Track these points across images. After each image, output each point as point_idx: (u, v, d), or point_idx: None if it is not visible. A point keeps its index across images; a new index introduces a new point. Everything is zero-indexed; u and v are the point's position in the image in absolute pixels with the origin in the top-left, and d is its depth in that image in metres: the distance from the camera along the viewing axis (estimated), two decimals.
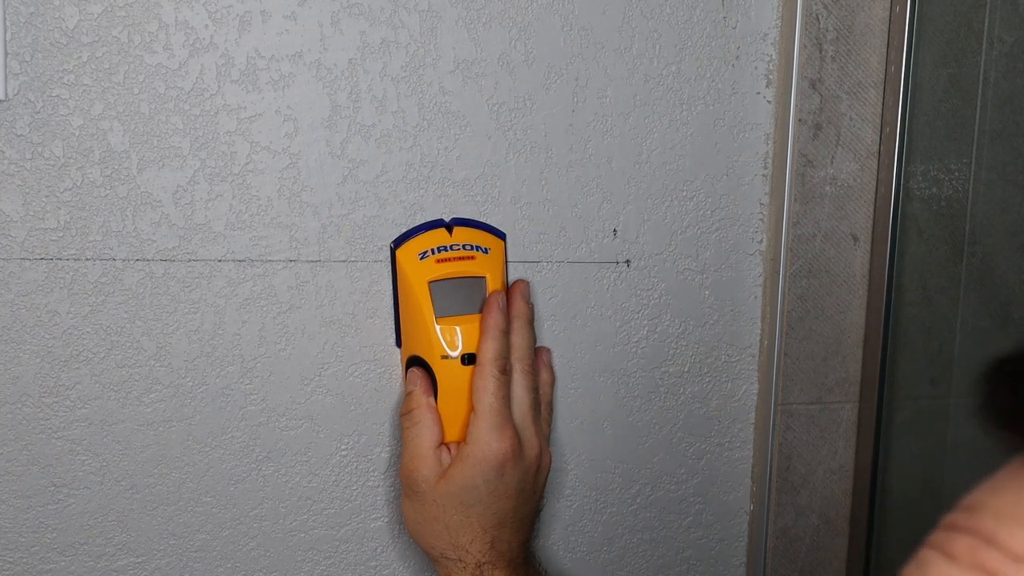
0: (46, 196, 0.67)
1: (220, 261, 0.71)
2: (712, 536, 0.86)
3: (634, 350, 0.81)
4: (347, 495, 0.76)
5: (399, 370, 0.75)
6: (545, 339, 0.78)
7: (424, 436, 0.69)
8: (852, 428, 0.85)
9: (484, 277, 0.72)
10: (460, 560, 0.68)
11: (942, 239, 0.84)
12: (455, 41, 0.72)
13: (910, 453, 0.87)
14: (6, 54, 0.65)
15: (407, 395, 0.70)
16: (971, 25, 0.81)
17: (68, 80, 0.66)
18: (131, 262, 0.69)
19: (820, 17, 0.78)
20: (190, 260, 0.70)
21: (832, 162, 0.80)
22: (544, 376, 0.74)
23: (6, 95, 0.65)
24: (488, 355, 0.68)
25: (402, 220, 0.73)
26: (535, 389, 0.71)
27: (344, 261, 0.73)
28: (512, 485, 0.68)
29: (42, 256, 0.68)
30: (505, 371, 0.69)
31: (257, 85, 0.69)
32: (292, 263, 0.72)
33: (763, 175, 0.81)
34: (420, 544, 0.70)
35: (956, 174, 0.83)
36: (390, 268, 0.73)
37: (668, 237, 0.80)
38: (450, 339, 0.69)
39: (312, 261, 0.72)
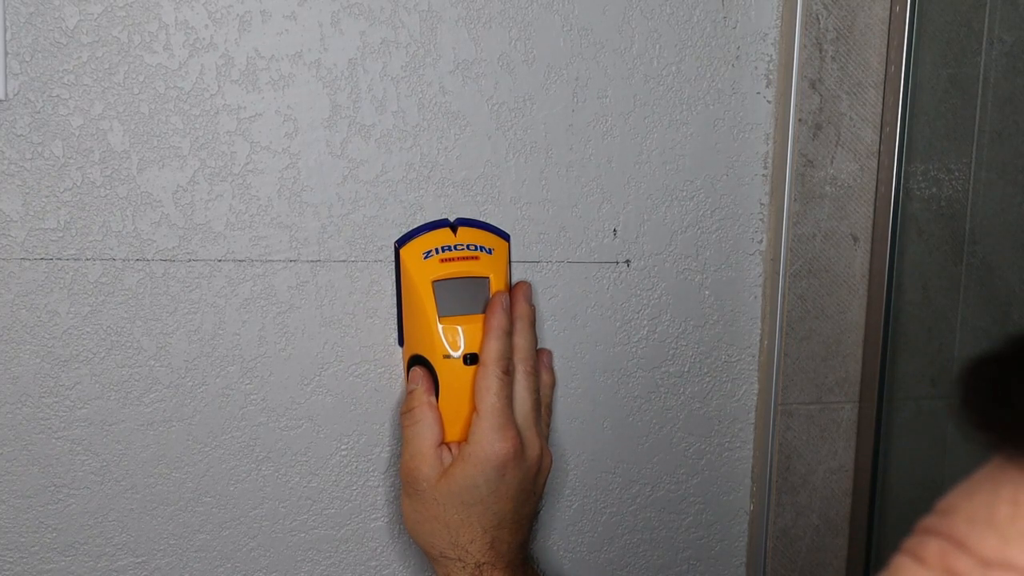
0: (46, 196, 0.67)
1: (220, 261, 0.71)
2: (712, 536, 0.86)
3: (634, 350, 0.81)
4: (347, 495, 0.76)
5: (399, 370, 0.75)
6: (545, 339, 0.78)
7: (425, 435, 0.69)
8: (852, 428, 0.85)
9: (488, 277, 0.72)
10: (460, 560, 0.68)
11: (942, 239, 0.84)
12: (455, 41, 0.72)
13: (910, 453, 0.87)
14: (6, 54, 0.65)
15: (408, 394, 0.70)
16: (971, 25, 0.81)
17: (68, 80, 0.66)
18: (131, 262, 0.69)
19: (820, 17, 0.78)
20: (190, 260, 0.70)
21: (832, 162, 0.80)
22: (545, 378, 0.74)
23: (6, 95, 0.65)
24: (491, 355, 0.68)
25: (402, 220, 0.73)
26: (537, 390, 0.71)
27: (344, 261, 0.73)
28: (513, 485, 0.68)
29: (42, 256, 0.68)
30: (508, 372, 0.69)
31: (257, 85, 0.69)
32: (292, 263, 0.72)
33: (763, 175, 0.81)
34: (419, 543, 0.70)
35: (956, 174, 0.83)
36: (393, 267, 0.73)
37: (668, 237, 0.80)
38: (452, 339, 0.69)
39: (312, 261, 0.72)
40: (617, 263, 0.79)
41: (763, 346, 0.84)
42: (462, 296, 0.70)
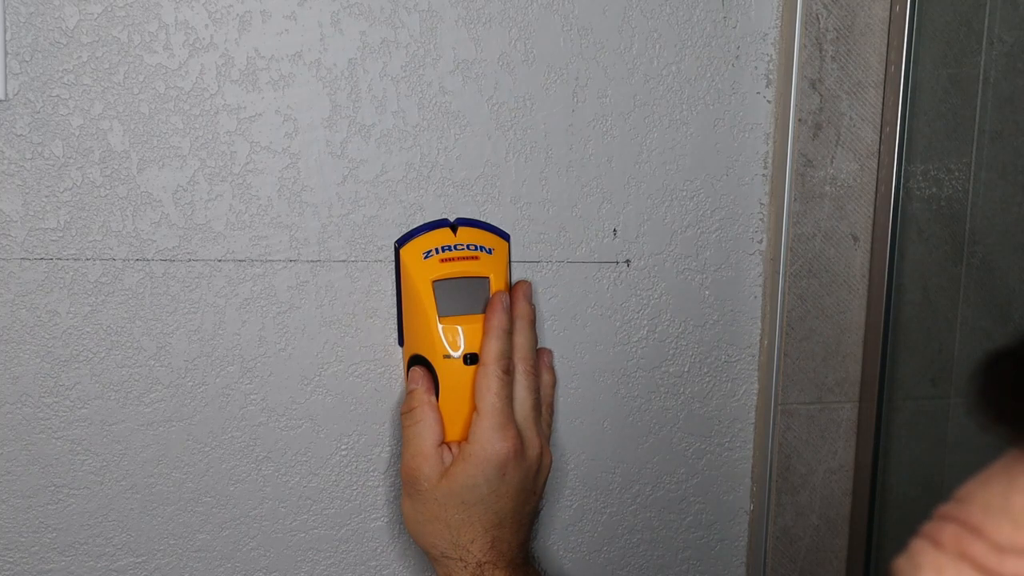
0: (46, 196, 0.67)
1: (220, 261, 0.71)
2: (712, 536, 0.86)
3: (634, 350, 0.81)
4: (347, 495, 0.76)
5: (399, 370, 0.75)
6: (545, 339, 0.78)
7: (426, 435, 0.69)
8: (852, 428, 0.85)
9: (488, 277, 0.72)
10: (461, 559, 0.68)
11: (942, 239, 0.84)
12: (455, 41, 0.72)
13: (910, 453, 0.87)
14: (6, 54, 0.65)
15: (409, 394, 0.70)
16: (971, 25, 0.81)
17: (68, 80, 0.66)
18: (131, 262, 0.69)
19: (820, 17, 0.78)
20: (190, 260, 0.70)
21: (832, 162, 0.80)
22: (546, 377, 0.74)
23: (6, 95, 0.65)
24: (491, 355, 0.68)
25: (402, 220, 0.73)
26: (537, 390, 0.71)
27: (344, 261, 0.73)
28: (513, 485, 0.68)
29: (42, 256, 0.68)
30: (508, 371, 0.69)
31: (257, 85, 0.69)
32: (292, 263, 0.72)
33: (763, 175, 0.81)
34: (420, 543, 0.70)
35: (956, 174, 0.83)
36: (394, 267, 0.73)
37: (668, 237, 0.80)
38: (452, 339, 0.69)
39: (312, 261, 0.72)
40: (617, 263, 0.79)
41: (763, 346, 0.84)
42: (462, 296, 0.70)
